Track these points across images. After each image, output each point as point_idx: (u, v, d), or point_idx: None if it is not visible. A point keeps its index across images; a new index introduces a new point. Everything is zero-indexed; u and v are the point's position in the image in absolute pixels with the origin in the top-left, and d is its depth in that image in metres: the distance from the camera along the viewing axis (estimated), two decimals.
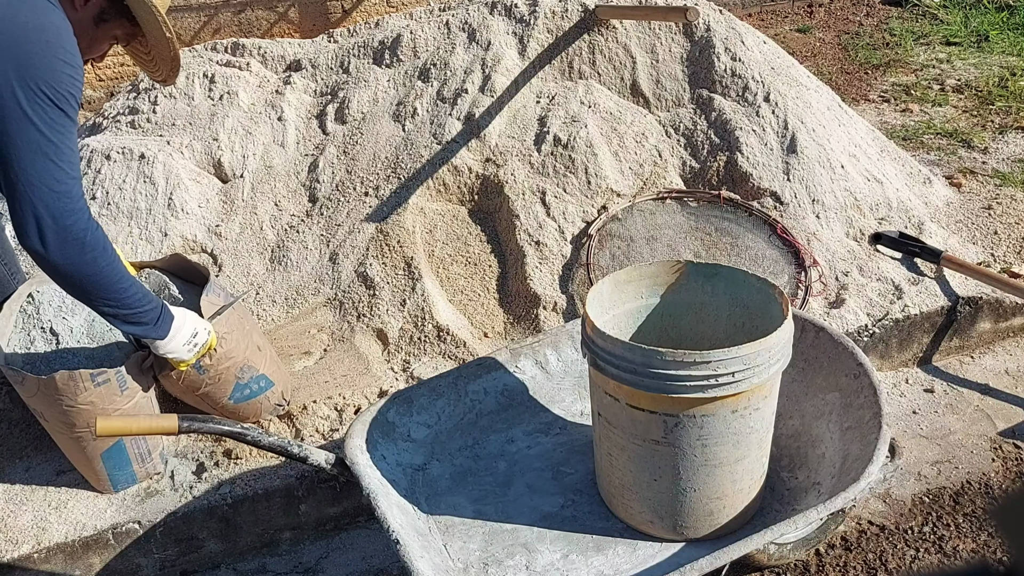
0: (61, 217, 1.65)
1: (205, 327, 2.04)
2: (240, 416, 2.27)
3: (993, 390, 2.70)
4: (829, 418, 1.91)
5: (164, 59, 1.91)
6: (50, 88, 1.60)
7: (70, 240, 1.67)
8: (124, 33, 1.84)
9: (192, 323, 2.01)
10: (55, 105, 1.61)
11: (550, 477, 1.96)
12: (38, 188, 1.62)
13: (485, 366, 2.11)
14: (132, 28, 1.83)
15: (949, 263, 2.84)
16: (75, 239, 1.67)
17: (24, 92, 1.58)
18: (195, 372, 2.09)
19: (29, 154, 1.60)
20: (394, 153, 3.01)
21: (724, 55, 3.20)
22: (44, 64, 1.60)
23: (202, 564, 2.20)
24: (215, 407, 2.22)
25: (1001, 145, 3.81)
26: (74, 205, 1.66)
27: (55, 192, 1.63)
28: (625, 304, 1.90)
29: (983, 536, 2.18)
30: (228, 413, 2.24)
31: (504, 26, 3.23)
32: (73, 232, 1.67)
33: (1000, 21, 5.36)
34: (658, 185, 2.99)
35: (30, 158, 1.61)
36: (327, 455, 1.79)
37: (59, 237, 1.65)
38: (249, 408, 2.28)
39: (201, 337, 2.02)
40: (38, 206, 1.63)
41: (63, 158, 1.64)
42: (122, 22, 1.81)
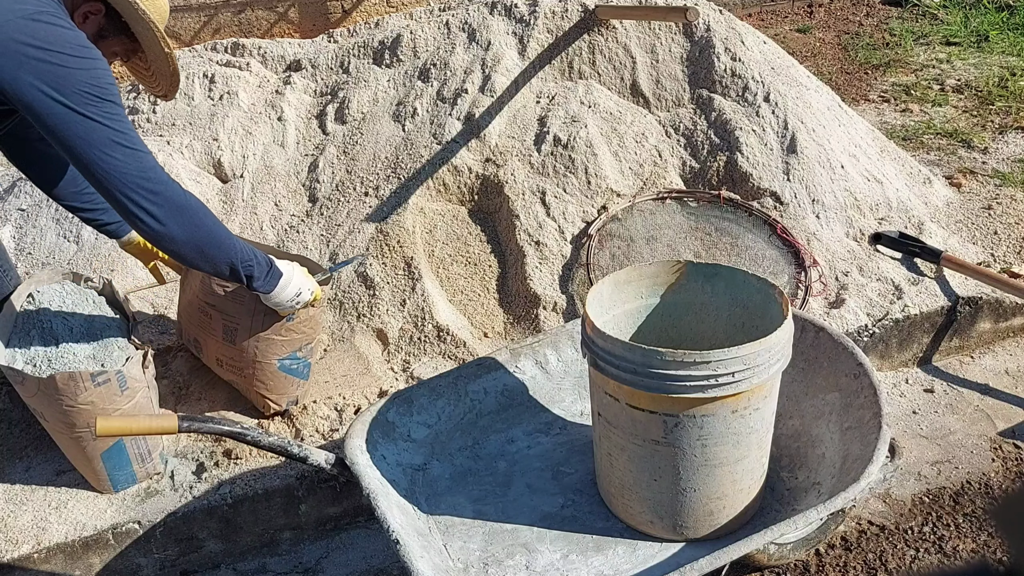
0: (159, 193, 1.73)
1: (310, 288, 2.13)
2: (266, 384, 2.29)
3: (993, 390, 2.70)
4: (829, 418, 1.91)
5: (164, 74, 1.96)
6: (92, 87, 1.66)
7: (176, 209, 1.75)
8: (124, 49, 1.90)
9: (298, 282, 2.09)
10: (103, 99, 1.68)
11: (550, 477, 1.96)
12: (128, 177, 1.69)
13: (485, 366, 2.11)
14: (132, 44, 1.89)
15: (949, 263, 2.84)
16: (179, 206, 1.76)
17: (72, 99, 1.64)
18: (286, 318, 2.20)
19: (107, 150, 1.67)
20: (394, 153, 3.01)
21: (724, 55, 3.20)
22: (77, 69, 1.65)
23: (202, 564, 2.20)
24: (257, 362, 2.24)
25: (1001, 145, 3.81)
26: (162, 176, 1.74)
27: (143, 175, 1.71)
28: (625, 304, 1.90)
29: (983, 536, 2.18)
30: (260, 375, 2.26)
31: (504, 26, 3.23)
32: (175, 200, 1.75)
33: (1000, 21, 5.36)
34: (658, 185, 2.99)
35: (109, 154, 1.68)
36: (327, 455, 1.79)
37: (167, 211, 1.74)
38: (281, 381, 2.30)
39: (304, 296, 2.11)
40: (137, 193, 1.70)
41: (133, 141, 1.71)
42: (121, 39, 1.87)
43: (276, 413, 2.36)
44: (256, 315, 2.19)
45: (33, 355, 2.09)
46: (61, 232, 2.86)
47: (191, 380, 2.49)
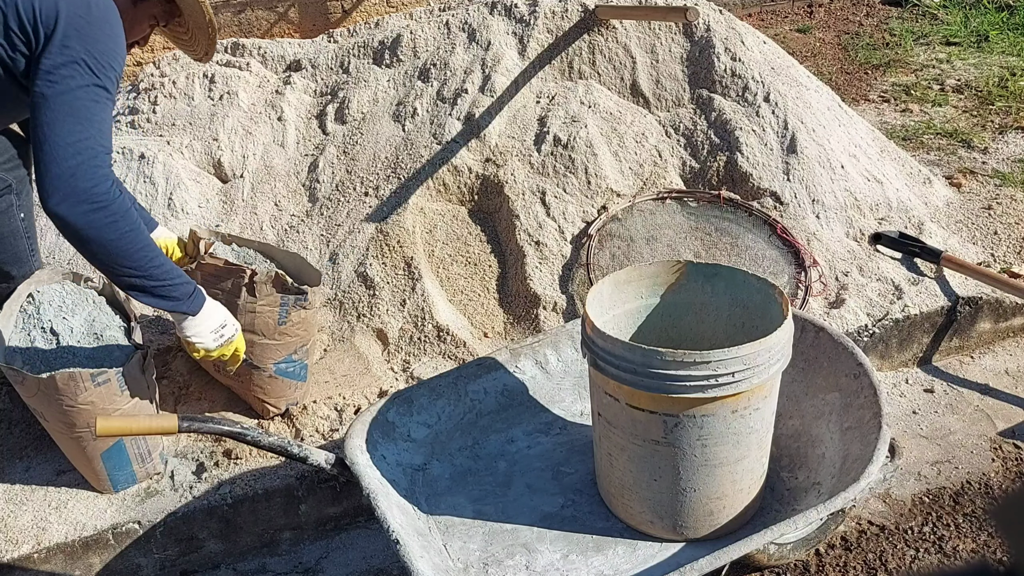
0: (83, 178, 1.65)
1: (235, 324, 2.01)
2: (263, 388, 2.28)
3: (993, 390, 2.70)
4: (829, 418, 1.91)
5: (201, 30, 1.96)
6: (92, 58, 1.65)
7: (89, 201, 1.66)
8: (162, 11, 1.91)
9: (223, 315, 1.97)
10: (93, 73, 1.66)
11: (550, 477, 1.96)
12: (63, 148, 1.64)
13: (485, 366, 2.11)
14: (168, 6, 1.90)
15: (949, 263, 2.84)
16: (95, 202, 1.66)
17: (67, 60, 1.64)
18: (274, 320, 2.19)
19: (61, 116, 1.64)
20: (394, 153, 3.01)
21: (724, 55, 3.20)
22: (89, 36, 1.66)
23: (202, 564, 2.20)
24: (252, 367, 2.22)
25: (1001, 145, 3.81)
26: (98, 170, 1.67)
27: (80, 154, 1.64)
28: (625, 304, 1.90)
29: (983, 536, 2.18)
30: (257, 379, 2.26)
31: (504, 26, 3.23)
32: (94, 195, 1.66)
33: (1000, 21, 5.36)
34: (658, 185, 2.99)
35: (61, 120, 1.64)
36: (327, 455, 1.79)
37: (79, 198, 1.64)
38: (278, 385, 2.30)
39: (229, 331, 1.98)
40: (61, 166, 1.64)
41: (93, 124, 1.66)
42: (159, 1, 1.89)
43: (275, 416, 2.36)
44: (250, 321, 2.19)
45: (33, 355, 2.09)
46: None
47: (191, 380, 2.48)
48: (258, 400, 2.32)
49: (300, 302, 2.23)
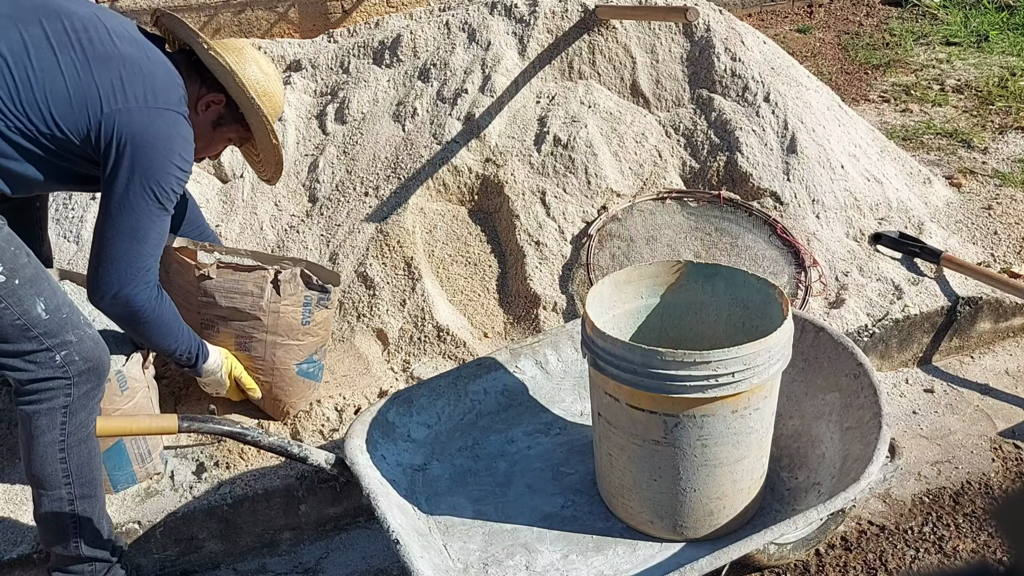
0: (128, 288, 1.81)
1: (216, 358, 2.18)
2: (284, 390, 2.29)
3: (993, 390, 2.70)
4: (829, 418, 1.91)
5: (270, 162, 2.10)
6: (159, 187, 1.77)
7: (128, 308, 1.83)
8: (238, 136, 2.05)
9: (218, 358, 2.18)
10: (157, 200, 1.78)
11: (550, 477, 1.96)
12: (117, 261, 1.78)
13: (485, 366, 2.11)
14: (245, 133, 2.02)
15: (949, 263, 2.84)
16: (133, 309, 1.84)
17: (136, 187, 1.75)
18: (298, 320, 2.23)
19: (121, 233, 1.77)
20: (394, 153, 3.01)
21: (724, 55, 3.20)
22: (160, 168, 1.77)
23: (202, 564, 2.20)
24: (275, 369, 2.25)
25: (1001, 145, 3.81)
26: (142, 283, 1.82)
27: (131, 267, 1.79)
28: (625, 304, 1.90)
29: (983, 536, 2.18)
30: (279, 382, 2.26)
31: (504, 26, 3.23)
32: (135, 305, 1.83)
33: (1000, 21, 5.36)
34: (658, 185, 2.99)
35: (120, 236, 1.77)
36: (327, 455, 1.79)
37: (120, 304, 1.82)
38: (299, 386, 2.30)
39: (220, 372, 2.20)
40: (112, 275, 1.78)
41: (148, 241, 1.80)
42: (237, 127, 2.00)
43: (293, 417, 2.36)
44: (273, 322, 2.19)
45: None
46: (61, 232, 2.86)
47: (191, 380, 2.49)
48: (277, 403, 2.31)
49: (323, 301, 2.24)
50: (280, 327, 2.21)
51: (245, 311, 2.19)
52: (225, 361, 2.20)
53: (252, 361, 2.24)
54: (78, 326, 1.78)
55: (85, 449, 1.82)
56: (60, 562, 1.89)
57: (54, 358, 1.73)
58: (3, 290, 1.67)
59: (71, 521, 1.84)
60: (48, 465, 1.79)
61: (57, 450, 1.79)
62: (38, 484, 1.82)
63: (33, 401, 1.75)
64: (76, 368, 1.76)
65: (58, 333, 1.73)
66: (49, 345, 1.73)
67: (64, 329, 1.74)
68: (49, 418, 1.76)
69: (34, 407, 1.75)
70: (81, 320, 1.80)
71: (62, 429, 1.78)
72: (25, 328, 1.70)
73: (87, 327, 1.80)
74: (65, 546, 1.86)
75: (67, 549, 1.86)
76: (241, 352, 2.23)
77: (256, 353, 2.23)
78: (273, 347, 2.22)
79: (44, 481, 1.81)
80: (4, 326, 1.68)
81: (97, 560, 1.90)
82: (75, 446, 1.80)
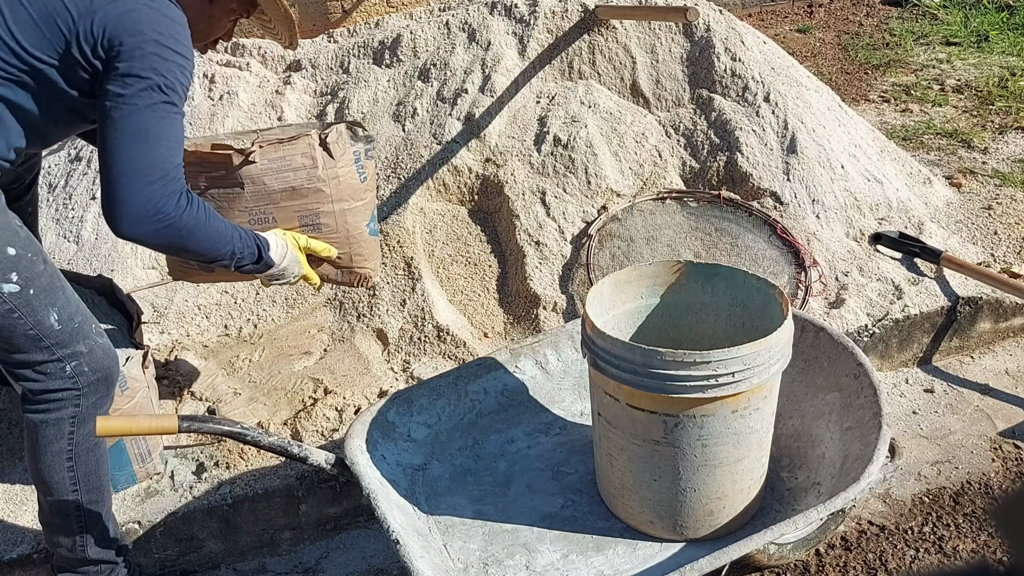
0: (153, 201, 1.60)
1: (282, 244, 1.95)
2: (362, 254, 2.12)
3: (993, 390, 2.70)
4: (829, 418, 1.91)
5: (281, 23, 1.93)
6: (160, 77, 1.59)
7: (158, 220, 1.62)
8: (240, 5, 1.84)
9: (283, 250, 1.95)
10: (162, 91, 1.60)
11: (550, 477, 1.96)
12: (133, 176, 1.59)
13: (485, 366, 2.11)
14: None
15: (949, 263, 2.84)
16: (166, 221, 1.63)
17: (133, 82, 1.58)
18: (357, 180, 2.05)
19: (129, 139, 1.58)
20: (394, 153, 3.01)
21: (724, 55, 3.20)
22: (155, 56, 1.59)
23: (202, 564, 2.20)
24: (351, 236, 2.07)
25: (1001, 145, 3.81)
26: (166, 189, 1.62)
27: (148, 177, 1.59)
28: (625, 304, 1.90)
29: (983, 536, 2.18)
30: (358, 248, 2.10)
31: (504, 26, 3.23)
32: (164, 214, 1.62)
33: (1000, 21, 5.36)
34: (658, 185, 2.99)
35: (130, 143, 1.58)
36: (327, 455, 1.79)
37: (148, 220, 1.61)
38: (373, 246, 2.15)
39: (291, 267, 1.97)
40: (131, 194, 1.59)
41: (162, 143, 1.61)
42: None
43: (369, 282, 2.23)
44: (336, 189, 2.02)
45: None
46: (61, 232, 2.86)
47: (191, 380, 2.49)
48: (359, 271, 2.15)
49: (370, 152, 2.09)
50: (344, 192, 2.02)
51: (303, 187, 1.99)
52: (286, 237, 1.98)
53: (325, 238, 2.07)
54: (89, 336, 1.74)
55: (93, 457, 1.81)
56: (66, 563, 1.89)
57: (64, 368, 1.70)
58: (17, 300, 1.63)
59: (78, 526, 1.83)
60: (56, 473, 1.78)
61: (65, 459, 1.77)
62: (45, 490, 1.80)
63: (41, 411, 1.72)
64: (86, 379, 1.73)
65: (69, 344, 1.70)
66: (60, 356, 1.69)
67: (76, 339, 1.71)
68: (57, 428, 1.74)
69: (41, 416, 1.72)
70: (93, 329, 1.75)
71: (70, 439, 1.76)
72: (37, 338, 1.67)
73: (99, 336, 1.76)
74: (71, 549, 1.86)
75: (73, 552, 1.86)
76: (310, 232, 2.04)
77: (327, 228, 2.05)
78: (343, 215, 2.03)
79: (51, 488, 1.79)
80: (16, 336, 1.65)
81: (103, 562, 1.90)
82: (83, 455, 1.79)
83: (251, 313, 2.75)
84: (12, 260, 1.62)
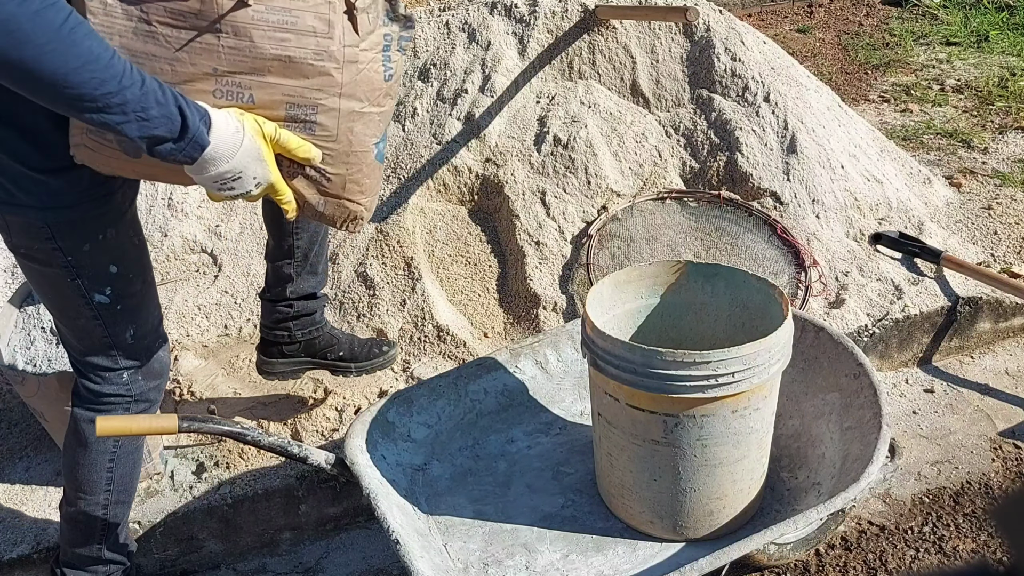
0: None
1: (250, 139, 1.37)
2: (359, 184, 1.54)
3: (993, 390, 2.70)
4: (829, 418, 1.91)
5: None
6: None
7: None
8: None
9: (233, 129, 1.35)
10: None
11: (550, 477, 1.96)
12: None
13: (485, 366, 2.11)
14: None
15: (949, 263, 2.84)
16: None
17: None
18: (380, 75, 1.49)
19: None
20: (394, 153, 3.01)
21: (724, 55, 3.20)
22: None
23: (202, 564, 2.20)
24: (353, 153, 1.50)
25: (1001, 145, 3.81)
26: None
27: None
28: (625, 304, 1.90)
29: (983, 536, 2.18)
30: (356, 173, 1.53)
31: (504, 26, 3.23)
32: None
33: (1000, 21, 5.36)
34: (658, 185, 2.99)
35: None
36: (327, 455, 1.79)
37: None
38: (375, 174, 1.59)
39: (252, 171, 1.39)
40: None
41: None
42: None
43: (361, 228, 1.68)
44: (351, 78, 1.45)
45: (33, 355, 2.09)
46: None
47: (191, 380, 2.49)
48: (345, 204, 1.55)
49: (404, 40, 1.54)
50: (359, 87, 1.46)
51: (305, 62, 1.39)
52: (244, 119, 1.37)
53: (316, 142, 1.47)
54: (153, 350, 1.75)
55: (132, 460, 1.84)
56: (76, 560, 1.89)
57: (122, 375, 1.72)
58: (104, 311, 1.63)
59: (101, 525, 1.84)
60: (95, 472, 1.79)
61: (107, 459, 1.79)
62: (77, 488, 1.81)
63: (93, 410, 1.74)
64: (138, 387, 1.75)
65: (134, 356, 1.71)
66: (123, 366, 1.71)
67: (141, 354, 1.72)
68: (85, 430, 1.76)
69: (92, 415, 1.73)
70: (157, 344, 1.76)
71: (116, 441, 1.78)
72: (109, 347, 1.68)
73: (160, 350, 1.77)
74: (87, 547, 1.86)
75: (88, 550, 1.87)
76: (296, 130, 1.44)
77: (322, 131, 1.46)
78: (349, 119, 1.46)
79: (85, 486, 1.80)
80: (93, 340, 1.66)
81: (113, 562, 1.91)
82: (124, 457, 1.81)
83: (251, 313, 2.75)
84: (111, 277, 1.61)
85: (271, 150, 1.41)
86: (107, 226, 1.57)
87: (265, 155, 1.40)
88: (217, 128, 1.32)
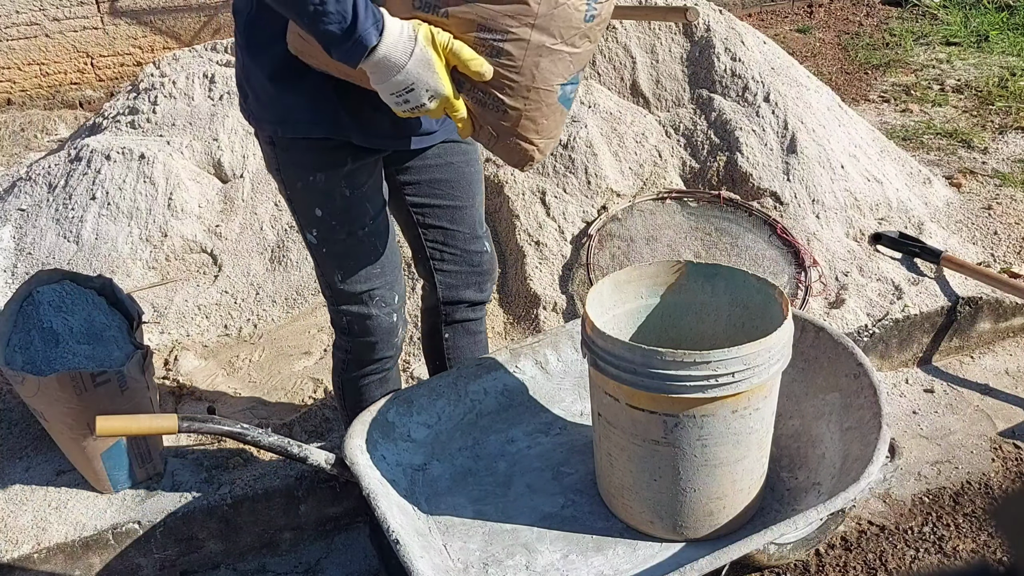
0: None
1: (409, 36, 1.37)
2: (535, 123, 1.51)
3: (993, 390, 2.70)
4: (829, 418, 1.91)
5: None
6: None
7: None
8: None
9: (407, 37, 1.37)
10: None
11: (550, 477, 1.96)
12: None
13: (485, 366, 2.11)
14: None
15: (949, 263, 2.84)
16: None
17: None
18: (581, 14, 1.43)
19: None
20: None
21: (724, 55, 3.20)
22: None
23: (202, 564, 2.20)
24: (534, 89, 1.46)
25: (1001, 145, 3.81)
26: None
27: None
28: (625, 304, 1.90)
29: (983, 536, 2.18)
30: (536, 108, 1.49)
31: None
32: None
33: (1000, 21, 5.36)
34: (658, 185, 2.99)
35: None
36: (327, 455, 1.79)
37: None
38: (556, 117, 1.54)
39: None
40: None
41: None
42: None
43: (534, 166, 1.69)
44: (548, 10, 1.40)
45: (33, 355, 2.09)
46: (61, 232, 2.86)
47: (191, 380, 2.49)
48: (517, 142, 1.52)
49: None
50: (556, 21, 1.40)
51: None
52: (419, 28, 1.37)
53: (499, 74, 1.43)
54: (368, 305, 1.84)
55: (357, 394, 2.00)
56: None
57: (341, 319, 1.87)
58: (315, 251, 1.79)
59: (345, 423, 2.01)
60: (335, 388, 2.04)
61: (339, 383, 2.02)
62: None
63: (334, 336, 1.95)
64: (353, 336, 1.89)
65: (345, 303, 1.84)
66: (337, 308, 1.85)
67: (352, 302, 1.83)
68: (337, 359, 1.98)
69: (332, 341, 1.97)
70: (374, 302, 1.84)
71: (340, 373, 1.99)
72: (327, 285, 1.84)
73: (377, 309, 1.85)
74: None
75: None
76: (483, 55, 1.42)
77: (508, 59, 1.42)
78: (538, 52, 1.42)
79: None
80: (321, 273, 1.84)
81: None
82: (348, 388, 2.00)
83: (251, 313, 2.75)
84: (316, 220, 1.73)
85: (444, 61, 1.40)
86: (318, 170, 1.66)
87: (437, 66, 1.39)
88: (390, 33, 1.34)
